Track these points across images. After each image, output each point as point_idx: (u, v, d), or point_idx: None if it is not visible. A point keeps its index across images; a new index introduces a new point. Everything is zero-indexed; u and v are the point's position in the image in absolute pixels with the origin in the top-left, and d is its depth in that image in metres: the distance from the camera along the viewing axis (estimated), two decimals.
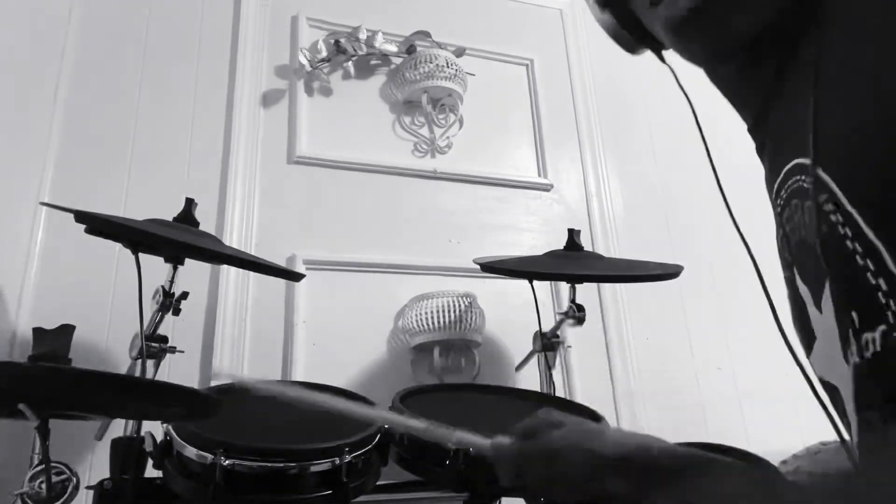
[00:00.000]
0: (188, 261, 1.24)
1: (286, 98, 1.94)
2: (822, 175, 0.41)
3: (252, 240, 1.74)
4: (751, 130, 0.55)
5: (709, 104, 0.63)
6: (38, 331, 1.43)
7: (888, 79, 0.37)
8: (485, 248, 1.86)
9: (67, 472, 0.95)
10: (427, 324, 1.66)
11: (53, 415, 0.87)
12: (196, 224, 1.25)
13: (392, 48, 2.06)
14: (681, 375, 1.99)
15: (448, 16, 2.21)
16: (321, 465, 0.92)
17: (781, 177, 0.49)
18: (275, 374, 1.61)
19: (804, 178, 0.44)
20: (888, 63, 0.37)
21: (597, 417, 1.20)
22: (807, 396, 0.48)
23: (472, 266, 1.53)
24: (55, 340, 1.41)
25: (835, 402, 0.46)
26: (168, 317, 1.20)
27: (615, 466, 0.62)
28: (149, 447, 1.01)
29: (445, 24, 2.15)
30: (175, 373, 1.45)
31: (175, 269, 1.21)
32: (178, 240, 1.14)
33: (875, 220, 0.37)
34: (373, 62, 2.07)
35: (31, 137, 1.66)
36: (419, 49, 2.04)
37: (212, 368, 1.17)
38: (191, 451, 0.92)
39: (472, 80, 2.09)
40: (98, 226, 1.10)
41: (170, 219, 1.23)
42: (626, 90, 2.35)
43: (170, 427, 0.98)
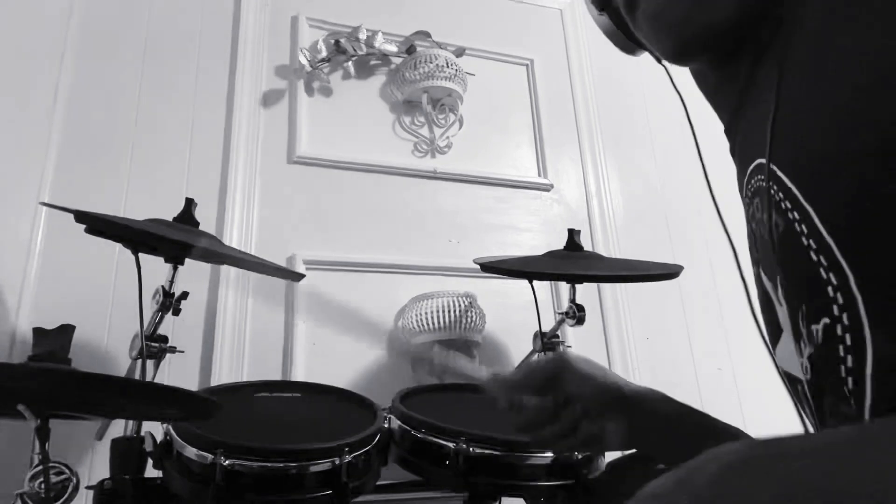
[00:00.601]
0: (188, 261, 1.24)
1: (286, 98, 1.94)
2: (779, 173, 0.42)
3: (252, 240, 1.75)
4: (726, 131, 0.56)
5: (704, 105, 0.63)
6: (38, 331, 1.43)
7: (843, 78, 0.38)
8: (485, 248, 1.87)
9: (67, 472, 0.94)
10: (427, 324, 1.66)
11: (53, 415, 0.87)
12: (196, 224, 1.25)
13: (392, 48, 2.06)
14: (681, 375, 1.99)
15: (448, 16, 2.21)
16: (321, 465, 0.92)
17: (746, 176, 0.50)
18: (275, 374, 1.61)
19: (763, 177, 0.46)
20: (845, 63, 0.38)
21: None
22: None
23: (472, 266, 1.52)
24: (55, 340, 1.41)
25: (797, 395, 0.47)
26: (168, 317, 1.20)
27: (622, 401, 0.64)
28: (149, 447, 1.01)
29: (445, 24, 2.15)
30: (175, 373, 1.45)
31: (175, 269, 1.21)
32: (178, 240, 1.14)
33: (828, 217, 0.38)
34: (373, 62, 2.07)
35: (31, 137, 1.66)
36: (419, 49, 2.04)
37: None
38: (191, 451, 0.92)
39: (472, 80, 2.09)
40: (98, 226, 1.10)
41: (170, 219, 1.23)
42: (626, 90, 2.35)
43: (170, 427, 0.98)
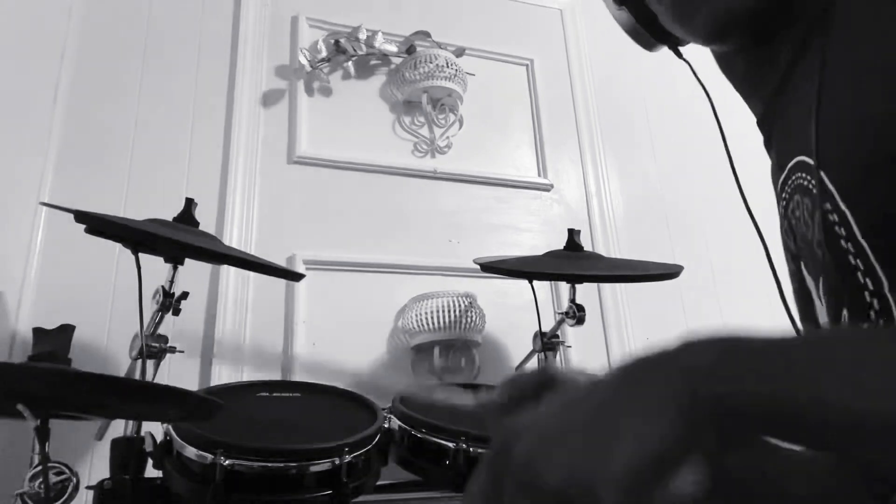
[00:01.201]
0: (188, 261, 1.24)
1: (286, 98, 1.94)
2: (822, 175, 0.42)
3: (252, 240, 1.74)
4: (759, 123, 0.55)
5: (718, 102, 0.63)
6: (38, 331, 1.43)
7: (888, 79, 0.37)
8: (485, 248, 1.86)
9: (67, 472, 0.94)
10: (427, 324, 1.66)
11: (53, 415, 0.87)
12: (196, 224, 1.25)
13: (392, 48, 2.06)
14: None
15: (448, 16, 2.21)
16: (321, 465, 0.92)
17: (786, 172, 0.50)
18: (275, 374, 1.61)
19: (806, 177, 0.45)
20: (891, 61, 0.38)
21: None
22: None
23: (472, 266, 1.52)
24: (55, 340, 1.41)
25: None
26: (168, 317, 1.20)
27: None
28: (149, 447, 1.02)
29: (445, 24, 2.15)
30: (175, 373, 1.45)
31: (175, 269, 1.21)
32: (178, 240, 1.14)
33: (865, 221, 0.38)
34: (373, 62, 2.07)
35: (31, 137, 1.66)
36: (419, 49, 2.04)
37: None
38: (191, 451, 0.92)
39: (472, 80, 2.09)
40: (98, 226, 1.10)
41: (170, 219, 1.23)
42: (626, 90, 2.35)
43: (170, 427, 0.98)
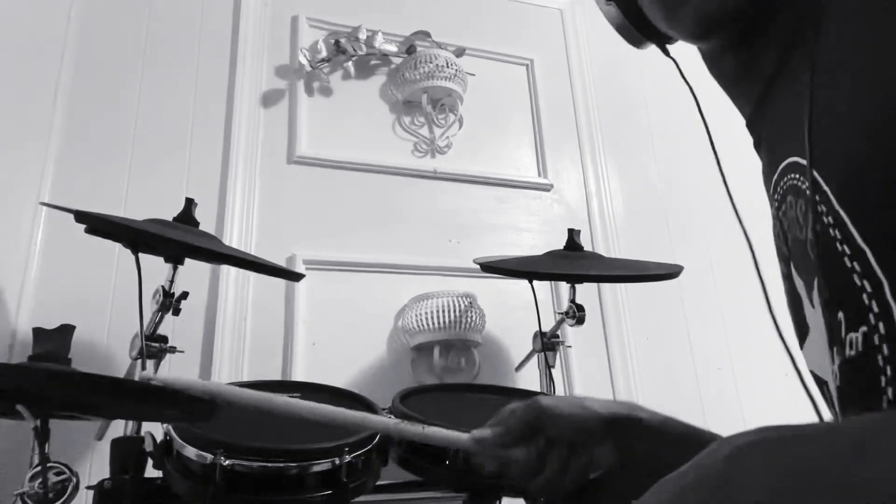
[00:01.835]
0: (188, 261, 1.24)
1: (286, 98, 1.94)
2: (816, 176, 0.41)
3: (252, 240, 1.74)
4: (748, 124, 0.55)
5: (711, 101, 0.63)
6: (38, 331, 1.43)
7: (884, 80, 0.37)
8: (485, 248, 1.86)
9: (67, 472, 0.94)
10: (427, 324, 1.66)
11: (53, 415, 0.87)
12: (196, 224, 1.25)
13: (392, 48, 2.06)
14: (681, 375, 1.99)
15: (448, 16, 2.21)
16: (321, 465, 0.92)
17: (778, 173, 0.49)
18: (275, 374, 1.61)
19: (799, 178, 0.45)
20: (886, 63, 0.37)
21: None
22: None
23: (472, 266, 1.52)
24: (55, 340, 1.41)
25: (825, 396, 0.46)
26: (168, 317, 1.20)
27: (604, 428, 0.63)
28: (149, 447, 1.01)
29: (445, 24, 2.15)
30: (175, 373, 1.44)
31: (175, 269, 1.21)
32: (178, 240, 1.14)
33: (863, 223, 0.38)
34: (373, 62, 2.07)
35: (31, 137, 1.66)
36: (419, 49, 2.04)
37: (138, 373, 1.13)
38: (191, 451, 0.92)
39: (472, 80, 2.09)
40: (98, 226, 1.10)
41: (170, 219, 1.23)
42: (627, 90, 2.35)
43: (170, 427, 0.98)
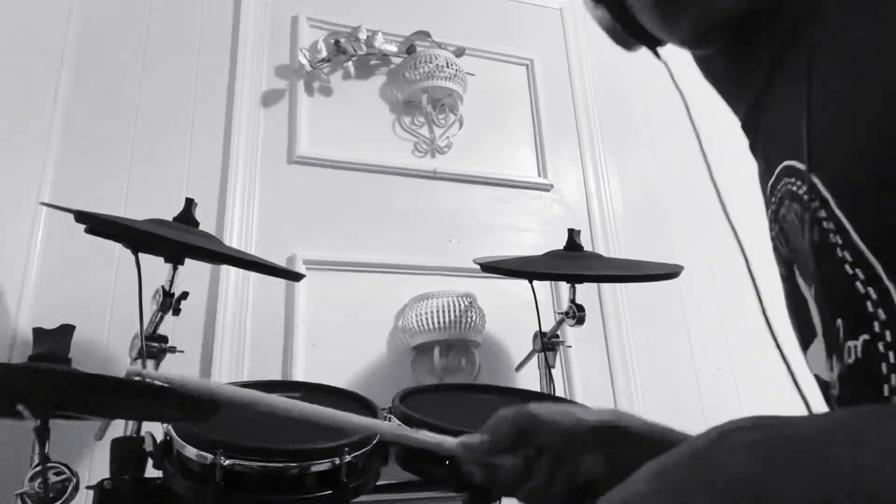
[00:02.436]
0: (188, 261, 1.24)
1: (286, 98, 1.94)
2: (814, 180, 0.40)
3: (252, 240, 1.74)
4: (743, 126, 0.54)
5: (705, 104, 0.63)
6: (38, 331, 1.43)
7: (886, 80, 0.36)
8: (485, 248, 1.86)
9: (67, 472, 0.94)
10: (427, 324, 1.66)
11: (52, 415, 0.87)
12: (196, 224, 1.25)
13: (392, 48, 2.06)
14: (681, 375, 1.99)
15: (448, 16, 2.21)
16: (321, 465, 0.92)
17: (774, 177, 0.48)
18: (275, 374, 1.61)
19: (796, 182, 0.44)
20: (884, 65, 0.36)
21: None
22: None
23: (472, 266, 1.53)
24: (55, 340, 1.41)
25: (827, 399, 0.46)
26: (168, 317, 1.20)
27: (592, 436, 0.63)
28: (149, 447, 1.01)
29: (445, 24, 2.15)
30: (175, 373, 1.44)
31: (175, 269, 1.21)
32: (178, 240, 1.14)
33: (866, 228, 0.37)
34: (373, 62, 2.07)
35: (31, 137, 1.66)
36: (419, 49, 2.04)
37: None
38: (191, 451, 0.92)
39: (472, 80, 2.09)
40: (98, 226, 1.10)
41: (170, 219, 1.23)
42: (626, 90, 2.35)
43: (170, 427, 0.98)
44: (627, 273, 1.58)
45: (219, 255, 1.25)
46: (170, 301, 1.19)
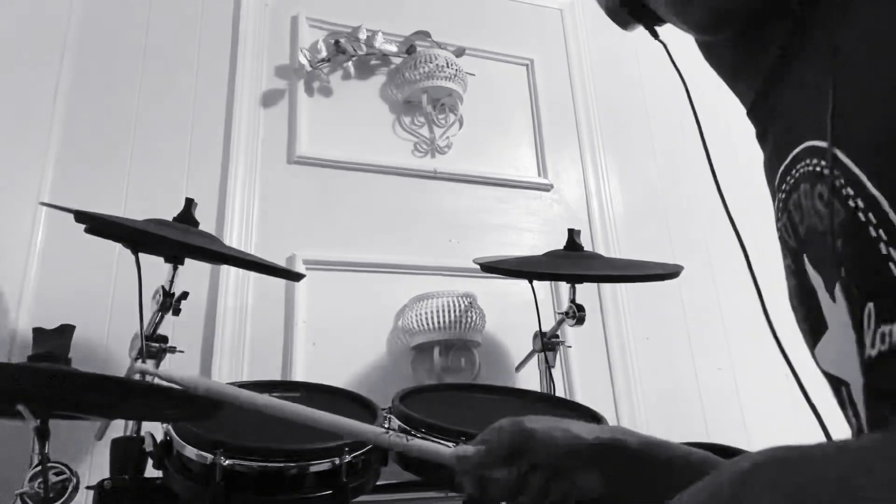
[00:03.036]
0: (188, 261, 1.24)
1: (286, 98, 1.94)
2: (842, 157, 0.39)
3: (252, 240, 1.74)
4: (750, 113, 0.52)
5: (704, 91, 0.62)
6: (38, 331, 1.43)
7: None
8: (485, 248, 1.86)
9: (67, 472, 0.94)
10: (427, 324, 1.66)
11: (53, 415, 0.87)
12: (196, 224, 1.25)
13: (392, 48, 2.06)
14: (681, 375, 1.99)
15: (448, 16, 2.21)
16: (321, 465, 0.92)
17: (789, 161, 0.46)
18: (275, 374, 1.61)
19: (817, 162, 0.42)
20: None
21: (597, 417, 1.20)
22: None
23: (472, 266, 1.53)
24: (55, 340, 1.41)
25: (840, 398, 0.44)
26: (168, 317, 1.20)
27: (590, 453, 0.62)
28: (149, 447, 1.02)
29: (445, 24, 2.15)
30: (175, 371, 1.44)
31: (175, 269, 1.21)
32: (178, 240, 1.14)
33: None
34: (373, 62, 2.07)
35: (31, 137, 1.66)
36: (419, 49, 2.04)
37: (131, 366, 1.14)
38: (191, 451, 0.92)
39: (472, 80, 2.09)
40: (98, 226, 1.10)
41: (170, 219, 1.23)
42: (627, 90, 2.35)
43: (170, 427, 0.98)
44: (627, 273, 1.58)
45: (219, 255, 1.25)
46: (170, 301, 1.19)
